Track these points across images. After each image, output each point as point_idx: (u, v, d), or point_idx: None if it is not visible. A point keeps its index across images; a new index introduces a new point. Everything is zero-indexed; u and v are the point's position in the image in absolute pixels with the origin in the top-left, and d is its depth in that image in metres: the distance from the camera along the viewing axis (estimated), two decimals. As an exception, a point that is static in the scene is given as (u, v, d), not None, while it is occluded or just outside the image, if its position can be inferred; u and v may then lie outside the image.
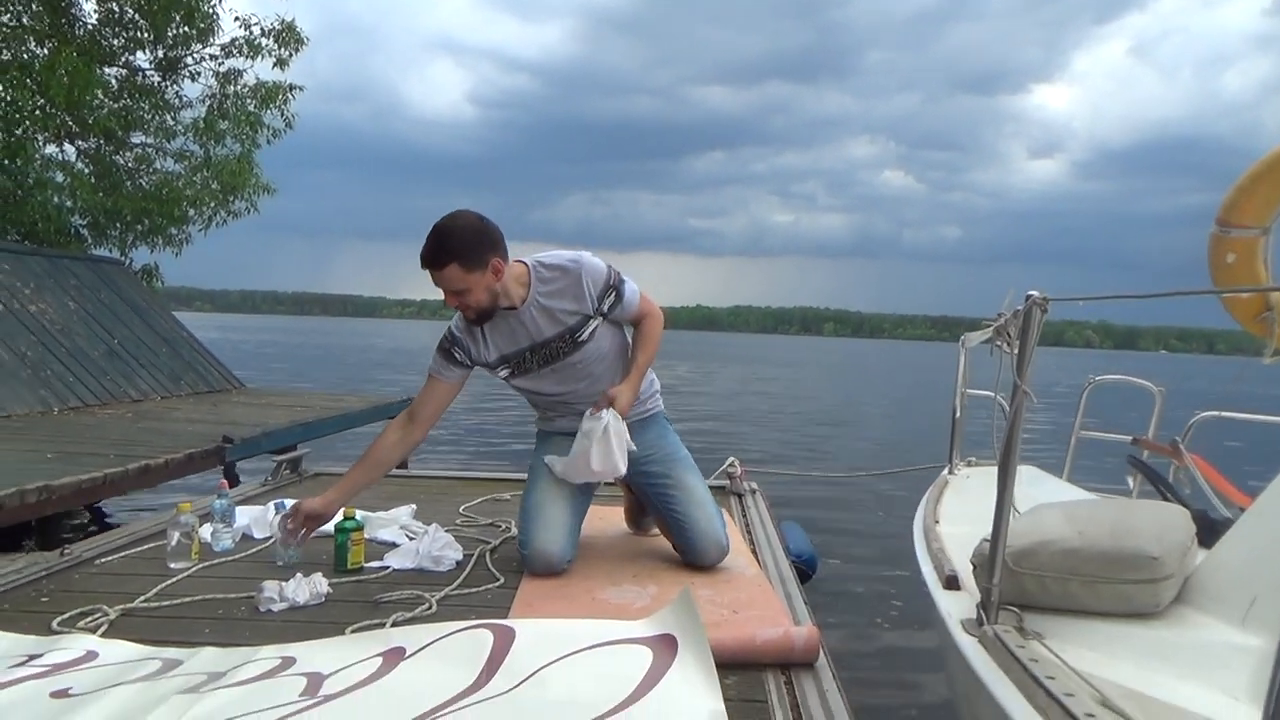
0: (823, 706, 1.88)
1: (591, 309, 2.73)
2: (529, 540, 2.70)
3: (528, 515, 2.76)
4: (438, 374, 2.83)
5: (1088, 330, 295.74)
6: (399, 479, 4.59)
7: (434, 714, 1.69)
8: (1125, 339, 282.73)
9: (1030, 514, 1.84)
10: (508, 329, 2.76)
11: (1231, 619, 1.58)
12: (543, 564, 2.67)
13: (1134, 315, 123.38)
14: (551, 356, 2.78)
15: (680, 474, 2.88)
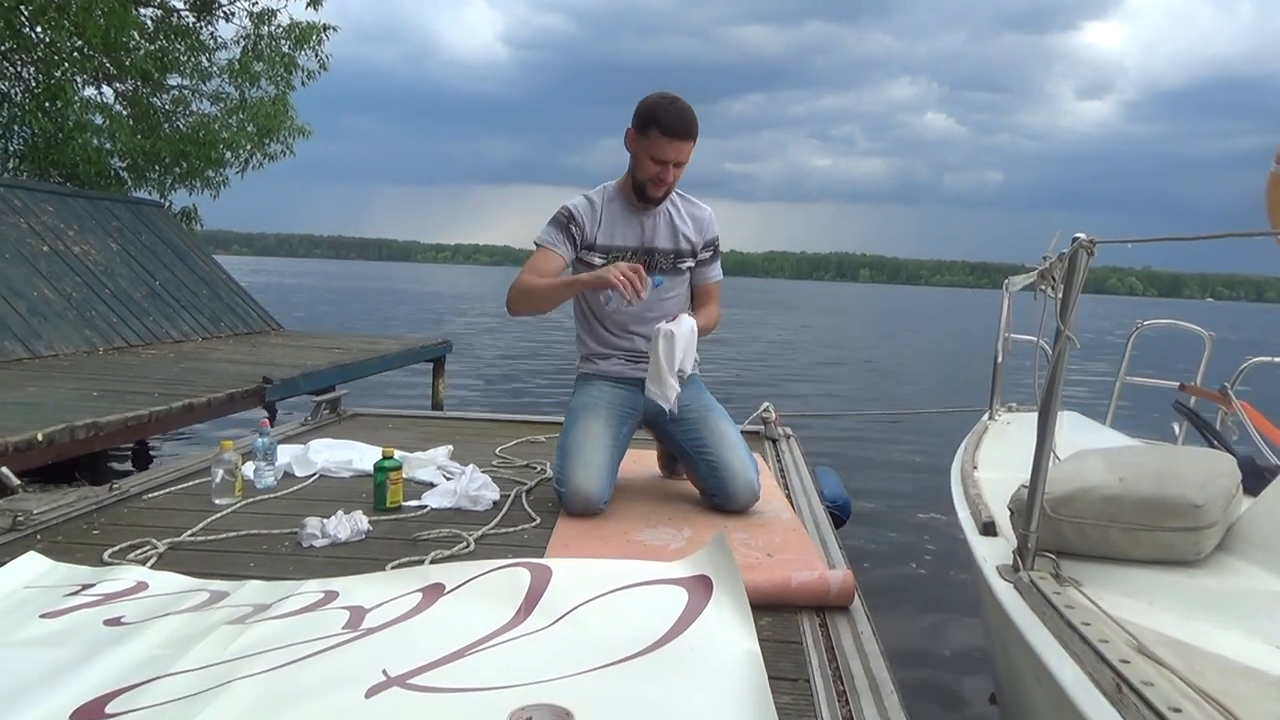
0: (857, 649, 1.89)
1: (699, 249, 2.95)
2: (567, 478, 2.72)
3: (566, 454, 2.78)
4: (551, 245, 2.84)
5: (1131, 277, 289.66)
6: (436, 420, 4.65)
7: (473, 648, 1.72)
8: (1170, 286, 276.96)
9: (1071, 460, 1.81)
10: (632, 222, 2.88)
11: (1276, 568, 1.56)
12: (580, 503, 2.69)
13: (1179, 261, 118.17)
14: (649, 268, 2.82)
15: (714, 420, 2.91)
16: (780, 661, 1.77)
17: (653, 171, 2.73)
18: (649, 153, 2.71)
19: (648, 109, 2.70)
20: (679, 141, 2.69)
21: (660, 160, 2.71)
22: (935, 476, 2.80)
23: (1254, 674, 1.29)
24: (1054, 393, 1.66)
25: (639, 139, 2.73)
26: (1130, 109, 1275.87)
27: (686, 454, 2.92)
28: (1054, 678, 1.27)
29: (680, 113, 2.68)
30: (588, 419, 2.86)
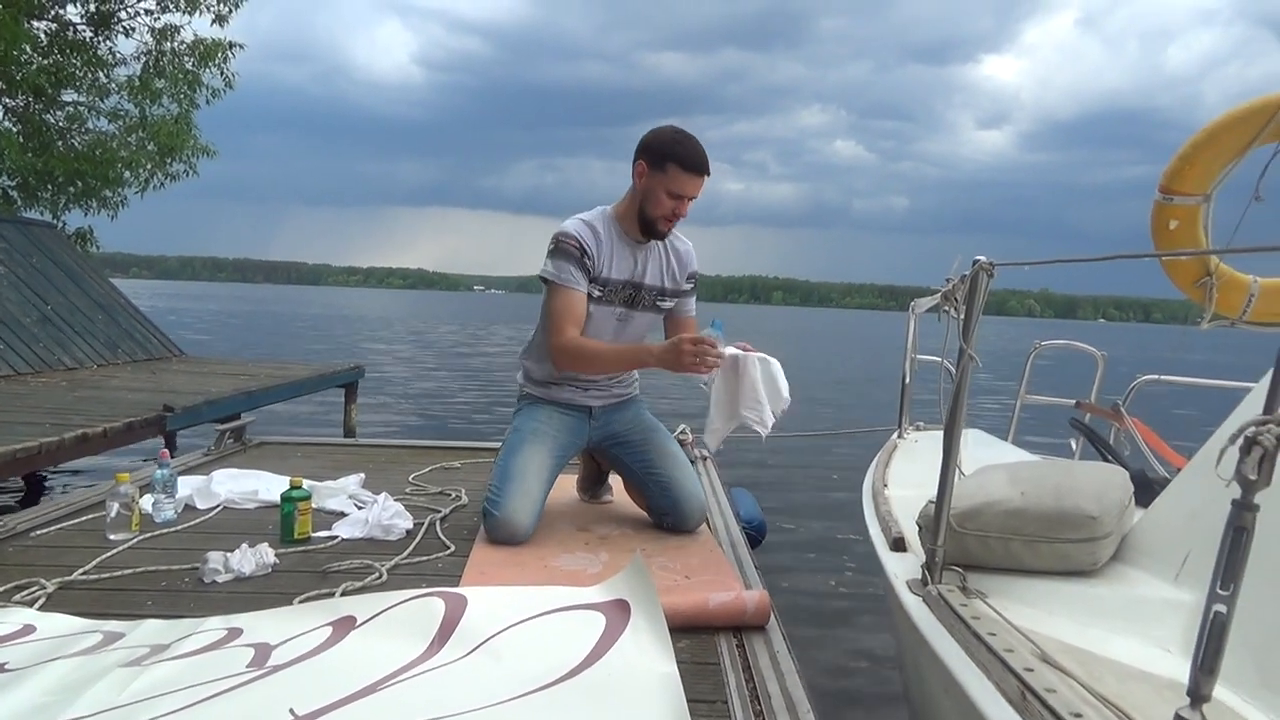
0: (774, 668, 1.91)
1: (679, 285, 2.91)
2: (501, 504, 2.64)
3: (507, 478, 2.70)
4: (573, 284, 2.71)
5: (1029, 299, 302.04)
6: (347, 448, 4.54)
7: (385, 683, 1.68)
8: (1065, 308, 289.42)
9: (975, 475, 1.87)
10: (626, 255, 2.80)
11: (1165, 575, 1.63)
12: (508, 532, 2.64)
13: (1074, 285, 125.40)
14: (634, 301, 2.84)
15: (661, 441, 2.95)
16: (699, 683, 1.77)
17: (668, 208, 2.68)
18: (666, 188, 2.65)
19: (664, 144, 2.65)
20: (698, 177, 2.67)
21: (677, 195, 2.66)
22: (848, 495, 2.86)
23: (1149, 677, 1.35)
24: (958, 410, 1.72)
25: (653, 174, 2.66)
26: (1026, 139, 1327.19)
27: (635, 475, 2.92)
28: (962, 688, 1.30)
29: (698, 148, 2.66)
30: (534, 445, 2.81)
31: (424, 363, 19.35)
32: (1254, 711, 1.23)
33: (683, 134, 2.67)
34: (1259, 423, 0.83)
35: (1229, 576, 0.82)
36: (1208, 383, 4.01)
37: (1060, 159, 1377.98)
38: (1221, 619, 0.81)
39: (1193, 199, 3.78)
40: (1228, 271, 3.87)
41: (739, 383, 2.66)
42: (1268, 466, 0.82)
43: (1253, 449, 0.82)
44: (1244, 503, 0.82)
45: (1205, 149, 3.71)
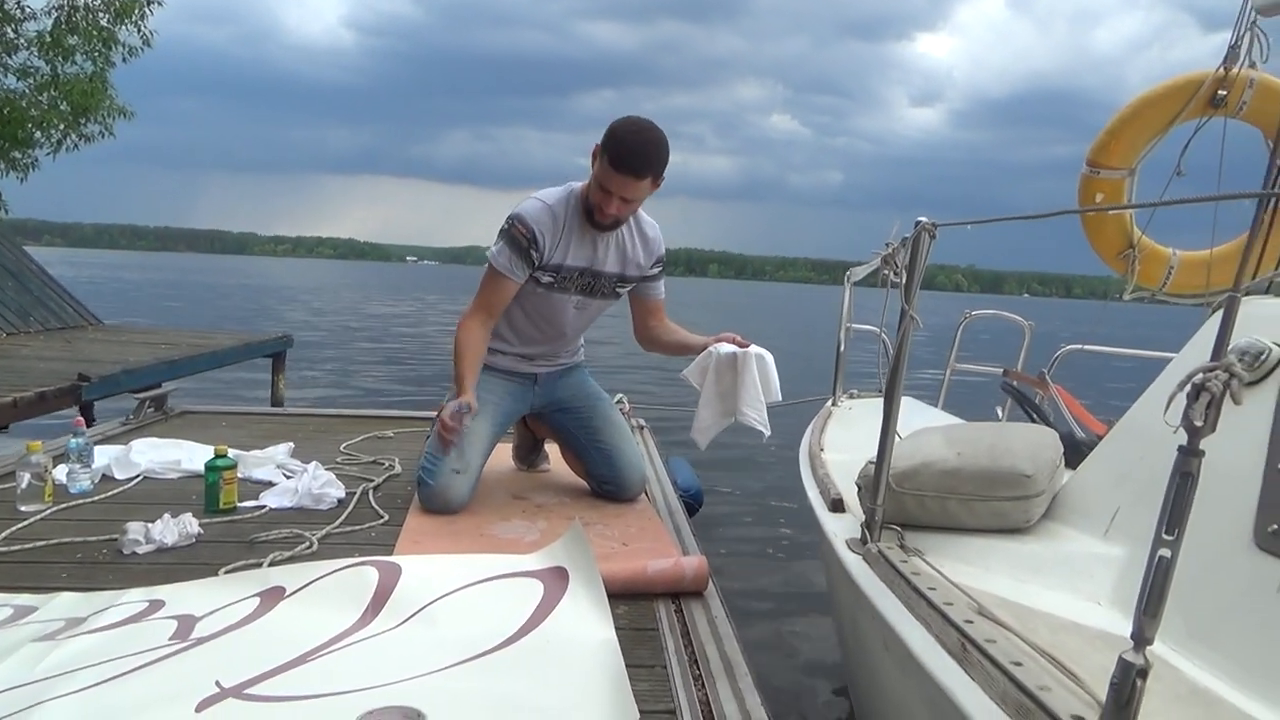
0: (712, 633, 1.91)
1: (643, 271, 2.79)
2: (436, 474, 2.58)
3: (442, 449, 2.63)
4: (509, 272, 2.61)
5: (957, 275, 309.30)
6: (275, 417, 4.41)
7: (317, 653, 1.63)
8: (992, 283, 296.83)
9: (911, 437, 1.89)
10: (586, 242, 2.66)
11: (1095, 531, 1.67)
12: (442, 502, 2.59)
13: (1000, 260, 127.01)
14: (592, 289, 2.75)
15: (605, 409, 2.93)
16: (638, 649, 1.76)
17: (597, 199, 2.53)
18: (598, 178, 2.50)
19: (610, 133, 2.46)
20: (622, 176, 2.45)
21: (605, 190, 2.50)
22: (785, 465, 2.88)
23: (1080, 629, 1.38)
24: (899, 370, 1.73)
25: (597, 161, 2.50)
26: (957, 116, 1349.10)
27: (578, 442, 2.88)
28: (903, 642, 1.31)
29: (636, 149, 2.44)
30: (482, 419, 2.72)
31: (356, 333, 18.98)
32: (1181, 659, 1.26)
33: (630, 128, 2.46)
34: (1207, 369, 0.84)
35: (1174, 522, 0.83)
36: (1126, 352, 4.15)
37: (990, 137, 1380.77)
38: (1165, 563, 0.82)
39: (1118, 173, 3.88)
40: (1150, 244, 3.99)
41: (737, 381, 2.61)
42: (1214, 413, 0.83)
43: (1200, 395, 0.83)
44: (1190, 448, 0.83)
45: (1131, 124, 3.80)
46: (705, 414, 2.66)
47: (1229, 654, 1.22)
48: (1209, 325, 1.72)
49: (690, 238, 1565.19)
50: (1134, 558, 1.54)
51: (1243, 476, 1.34)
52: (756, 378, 2.59)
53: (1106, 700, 0.82)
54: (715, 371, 2.64)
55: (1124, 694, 0.81)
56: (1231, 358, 0.85)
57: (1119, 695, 0.81)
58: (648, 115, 2.48)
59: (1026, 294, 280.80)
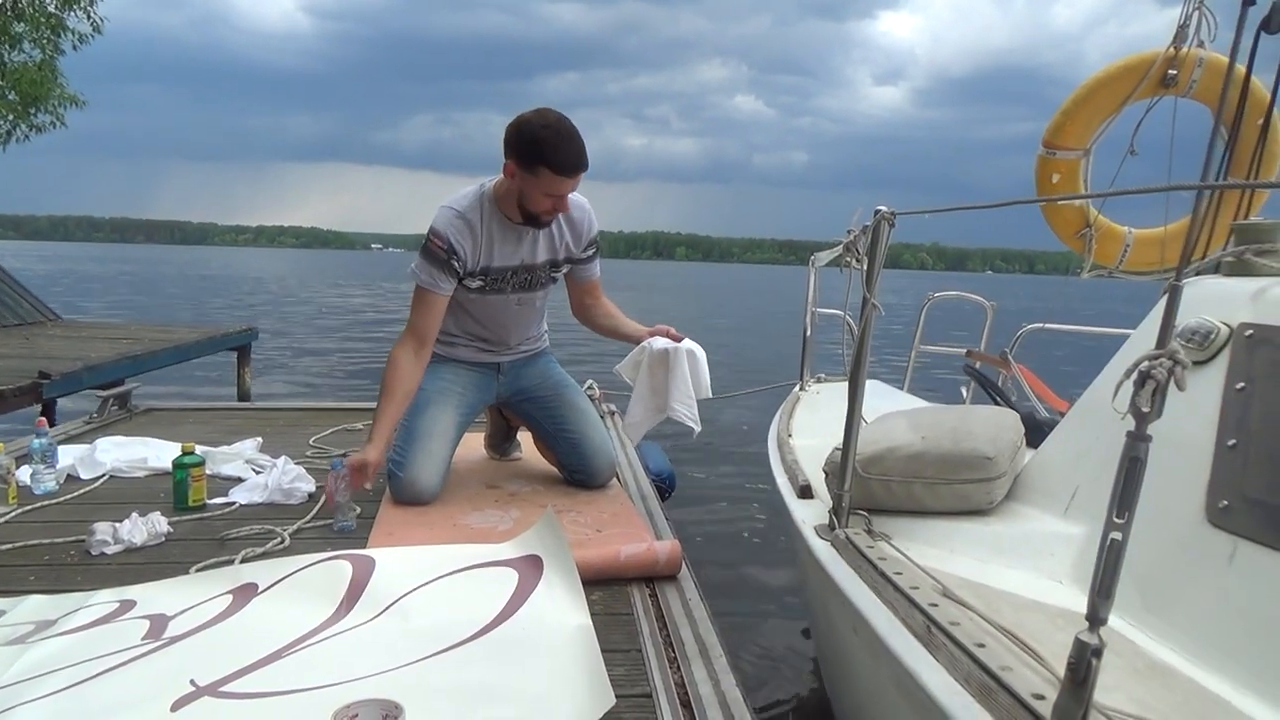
0: (686, 616, 1.94)
1: (578, 252, 2.76)
2: (406, 465, 2.58)
3: (411, 438, 2.63)
4: (434, 288, 2.58)
5: (922, 253, 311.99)
6: (242, 412, 4.38)
7: (292, 648, 1.63)
8: (956, 260, 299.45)
9: (877, 422, 1.92)
10: (510, 239, 2.63)
11: (1055, 511, 1.72)
12: (413, 493, 2.59)
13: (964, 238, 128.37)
14: (527, 284, 2.73)
15: (571, 397, 2.92)
16: (612, 633, 1.79)
17: (546, 206, 2.51)
18: (542, 190, 2.47)
19: (533, 144, 2.42)
20: (569, 179, 2.46)
21: (556, 195, 2.49)
22: (757, 448, 2.90)
23: (1042, 607, 1.42)
24: (862, 358, 1.75)
25: (525, 175, 2.45)
26: (921, 95, 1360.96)
27: (545, 431, 2.88)
28: (870, 626, 1.34)
29: (570, 146, 2.43)
30: (440, 404, 2.73)
31: (322, 323, 18.79)
32: (1138, 633, 1.30)
33: (552, 130, 2.42)
34: (1152, 357, 0.86)
35: (1124, 505, 0.86)
36: (1087, 329, 4.23)
37: (953, 115, 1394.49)
38: (1118, 545, 0.85)
39: (1074, 153, 3.95)
40: (1106, 223, 4.06)
41: (669, 377, 2.61)
42: (1159, 399, 0.86)
43: (1146, 382, 0.86)
44: (1138, 434, 0.86)
45: (1085, 105, 3.87)
46: (637, 409, 2.68)
47: (1184, 627, 1.26)
48: (1160, 307, 1.77)
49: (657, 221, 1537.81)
50: (1093, 536, 1.58)
51: (1194, 454, 1.39)
52: (687, 373, 2.60)
53: (1064, 679, 0.86)
54: (648, 368, 2.65)
55: (1080, 673, 0.84)
56: (1176, 345, 0.88)
57: (1075, 674, 0.84)
58: (612, 98, 2.50)
59: (990, 271, 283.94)
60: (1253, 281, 1.56)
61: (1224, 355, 1.44)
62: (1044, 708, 0.98)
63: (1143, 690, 1.12)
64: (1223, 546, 1.28)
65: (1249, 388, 1.39)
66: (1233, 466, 1.34)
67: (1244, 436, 1.35)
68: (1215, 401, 1.40)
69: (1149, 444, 0.86)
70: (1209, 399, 1.41)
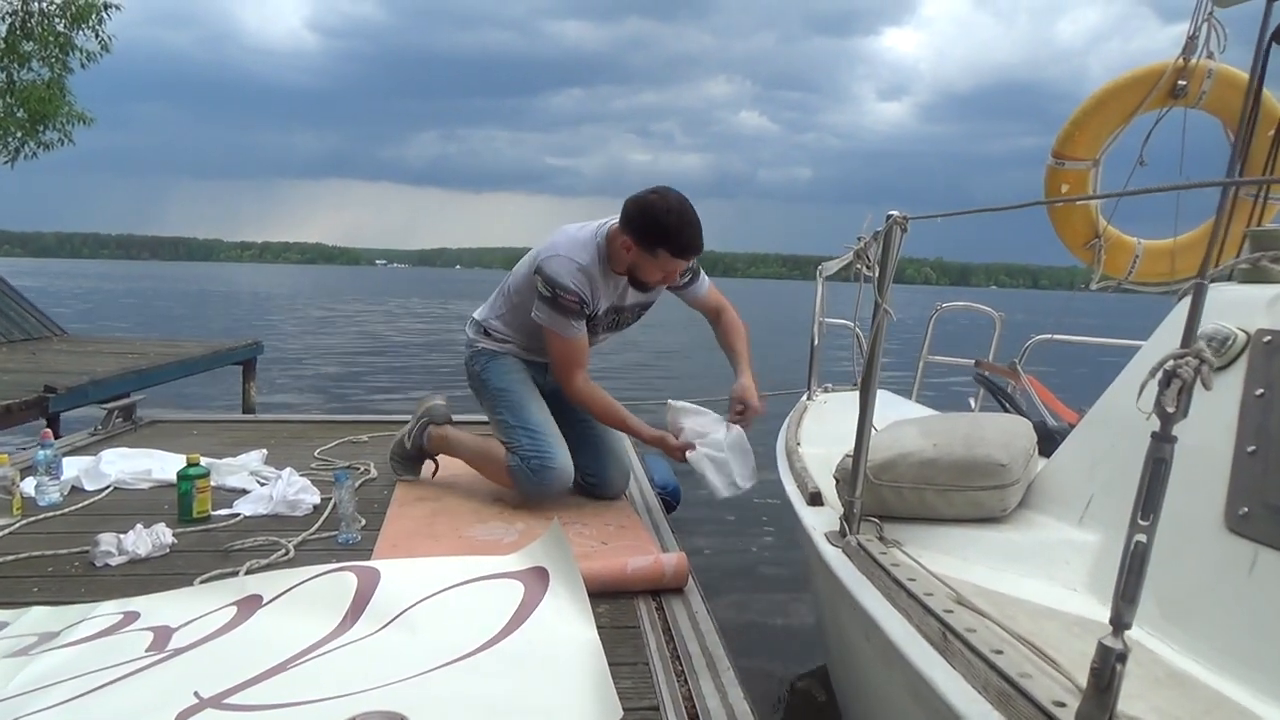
0: (694, 629, 1.92)
1: (664, 288, 2.84)
2: (553, 457, 2.66)
3: (538, 433, 2.70)
4: (576, 335, 2.67)
5: (926, 268, 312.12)
6: (246, 425, 4.37)
7: (296, 660, 1.61)
8: (959, 275, 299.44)
9: (888, 429, 1.90)
10: (609, 284, 2.73)
11: (1070, 519, 1.69)
12: (563, 482, 2.68)
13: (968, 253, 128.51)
14: (616, 324, 2.84)
15: None
16: (619, 647, 1.77)
17: (657, 278, 2.69)
18: (658, 267, 2.62)
19: (656, 229, 2.54)
20: (686, 260, 2.63)
21: (665, 271, 2.65)
22: (761, 461, 2.89)
23: (1057, 615, 1.39)
24: (874, 364, 1.73)
25: (642, 253, 2.58)
26: (925, 110, 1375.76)
27: (570, 435, 2.85)
28: (884, 633, 1.31)
29: (694, 235, 2.57)
30: (534, 395, 2.80)
31: (327, 339, 18.81)
32: (1157, 643, 1.28)
33: (675, 215, 2.54)
34: (1177, 356, 0.85)
35: (1149, 508, 0.84)
36: (1095, 340, 4.20)
37: (957, 130, 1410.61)
38: (1142, 548, 0.83)
39: (1083, 164, 3.93)
40: (1115, 234, 4.04)
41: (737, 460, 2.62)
42: (1185, 399, 0.84)
43: (1172, 382, 0.84)
44: (1163, 435, 0.84)
45: (1094, 116, 3.85)
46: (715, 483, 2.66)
47: (1204, 636, 1.24)
48: (1176, 312, 1.75)
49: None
50: (1108, 544, 1.56)
51: (1212, 461, 1.36)
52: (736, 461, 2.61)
53: (1087, 685, 0.83)
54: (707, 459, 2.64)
55: (1104, 678, 0.82)
56: (1201, 344, 0.87)
57: (1099, 680, 0.82)
58: (618, 114, 2.52)
59: (994, 286, 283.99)
60: (1269, 288, 1.54)
61: (1241, 361, 1.42)
62: (1065, 715, 0.95)
63: (1163, 699, 1.10)
64: (1244, 554, 1.26)
65: (1268, 394, 1.37)
66: (1253, 473, 1.31)
67: (1264, 442, 1.32)
68: (1233, 408, 1.38)
69: (1174, 445, 0.84)
70: (1227, 405, 1.39)
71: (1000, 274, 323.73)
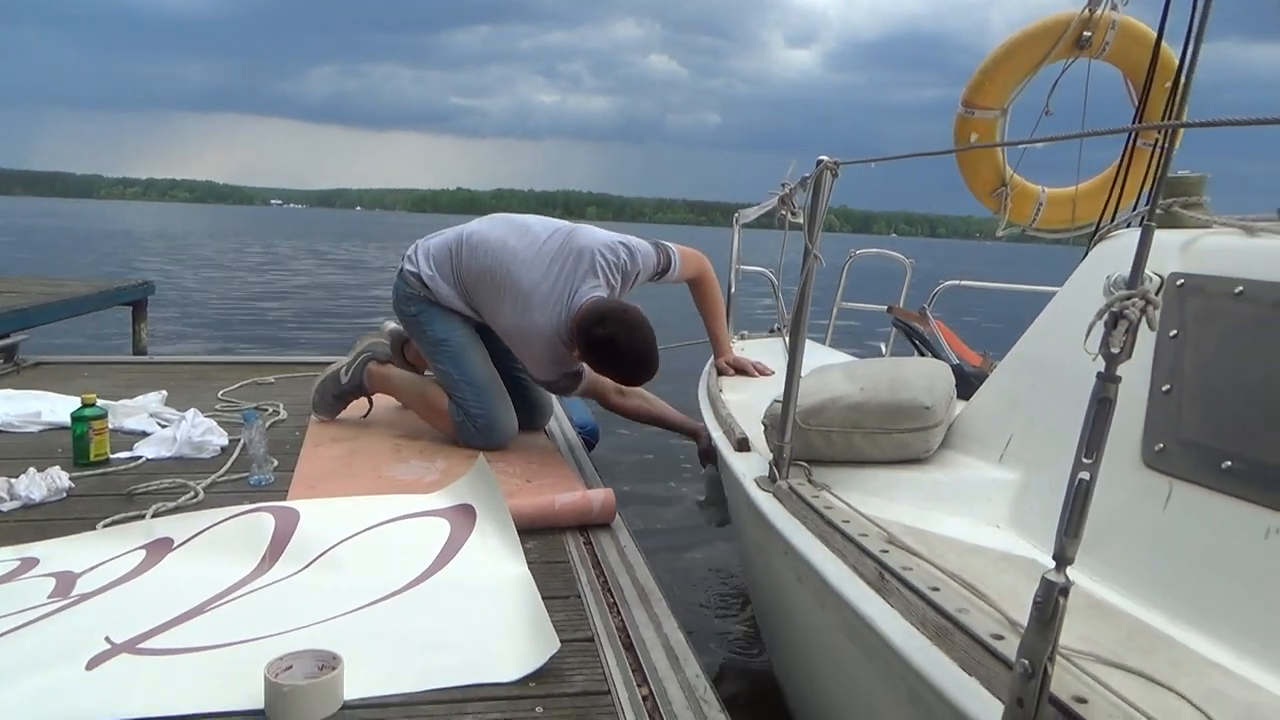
0: (623, 561, 1.93)
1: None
2: (498, 414, 2.67)
3: (479, 387, 2.67)
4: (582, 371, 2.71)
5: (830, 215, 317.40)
6: (142, 366, 4.17)
7: (214, 603, 1.55)
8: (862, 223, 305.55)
9: (813, 374, 1.91)
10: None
11: (990, 458, 1.74)
12: (507, 437, 2.69)
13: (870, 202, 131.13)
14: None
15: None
16: (551, 581, 1.76)
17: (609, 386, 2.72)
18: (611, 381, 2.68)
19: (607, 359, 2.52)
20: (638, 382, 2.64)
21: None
22: (677, 403, 2.91)
23: (982, 551, 1.44)
24: (804, 310, 1.74)
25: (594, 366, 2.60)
26: (832, 59, 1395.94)
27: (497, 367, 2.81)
28: (818, 574, 1.33)
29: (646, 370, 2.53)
30: (475, 345, 2.74)
31: (223, 281, 18.03)
32: (1080, 575, 1.33)
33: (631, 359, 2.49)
34: (1124, 297, 0.86)
35: (1093, 446, 0.86)
36: (1003, 286, 4.34)
37: (864, 79, 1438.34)
38: (1085, 485, 0.85)
39: (991, 112, 4.01)
40: (1020, 182, 4.16)
41: None
42: (1130, 339, 0.86)
43: (1119, 323, 0.86)
44: (1108, 375, 0.86)
45: (1003, 65, 3.93)
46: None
47: (1123, 567, 1.29)
48: (1092, 258, 1.80)
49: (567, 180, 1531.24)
50: (1027, 482, 1.62)
51: (1129, 400, 1.41)
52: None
53: (1030, 617, 0.86)
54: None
55: (1047, 611, 0.84)
56: (1149, 284, 0.88)
57: (1042, 612, 0.84)
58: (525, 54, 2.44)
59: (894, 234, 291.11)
60: (1181, 233, 1.59)
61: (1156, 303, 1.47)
62: (1003, 647, 0.99)
63: (1087, 628, 1.14)
64: (1159, 488, 1.31)
65: (1181, 335, 1.42)
66: (1167, 411, 1.37)
67: (1178, 382, 1.38)
68: (1149, 349, 1.44)
69: (1118, 385, 0.86)
70: (1143, 347, 1.43)
71: (900, 222, 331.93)
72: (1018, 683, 0.86)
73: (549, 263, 2.58)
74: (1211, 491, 1.24)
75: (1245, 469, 1.21)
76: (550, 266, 2.58)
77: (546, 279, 2.55)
